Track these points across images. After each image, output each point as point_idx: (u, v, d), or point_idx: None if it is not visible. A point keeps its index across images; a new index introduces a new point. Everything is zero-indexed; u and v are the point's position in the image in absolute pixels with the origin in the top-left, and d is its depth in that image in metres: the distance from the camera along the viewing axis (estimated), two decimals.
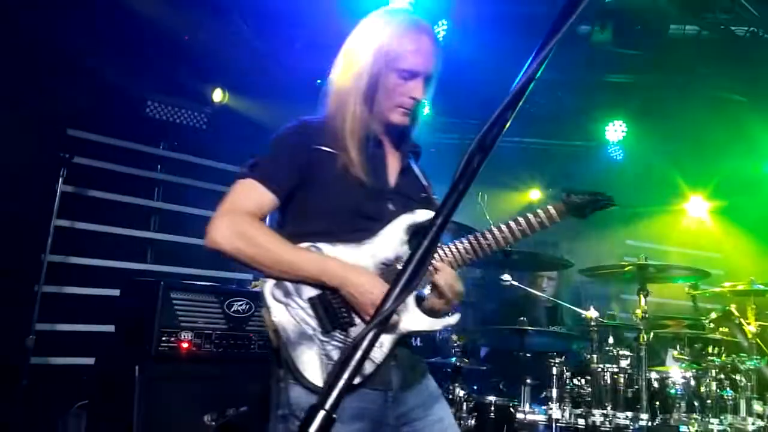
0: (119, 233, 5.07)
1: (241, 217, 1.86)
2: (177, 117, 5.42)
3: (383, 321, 0.96)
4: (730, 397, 3.95)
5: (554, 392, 3.86)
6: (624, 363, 3.93)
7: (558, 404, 3.82)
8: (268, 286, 1.84)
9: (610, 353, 4.06)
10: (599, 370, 3.90)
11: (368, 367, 1.82)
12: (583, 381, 3.95)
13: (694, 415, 3.78)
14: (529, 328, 4.11)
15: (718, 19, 5.19)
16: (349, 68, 2.01)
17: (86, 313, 4.60)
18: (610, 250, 6.72)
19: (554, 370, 3.91)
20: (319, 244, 1.88)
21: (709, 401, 3.87)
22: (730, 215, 7.13)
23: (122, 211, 5.13)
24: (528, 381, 3.95)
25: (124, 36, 4.82)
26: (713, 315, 4.55)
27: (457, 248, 1.97)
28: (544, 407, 3.87)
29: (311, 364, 1.78)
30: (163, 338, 3.34)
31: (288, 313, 1.81)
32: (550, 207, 2.00)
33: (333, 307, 1.84)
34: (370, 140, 1.99)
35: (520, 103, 1.06)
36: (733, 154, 6.37)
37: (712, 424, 3.76)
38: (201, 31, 5.27)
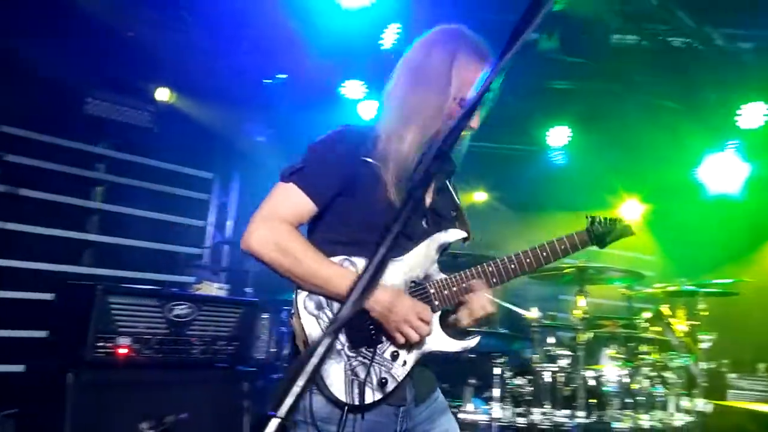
0: (54, 234, 4.86)
1: (281, 226, 1.87)
2: (119, 115, 5.24)
3: (338, 329, 0.97)
4: (660, 394, 4.12)
5: (496, 392, 3.94)
6: (563, 362, 4.05)
7: (499, 403, 3.90)
8: (301, 297, 1.86)
9: (550, 353, 4.17)
10: (539, 369, 4.00)
11: (390, 385, 1.85)
12: (523, 380, 4.04)
13: (627, 412, 3.93)
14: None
15: (657, 30, 5.39)
16: (413, 83, 1.98)
17: (17, 318, 4.39)
18: None
19: (496, 370, 3.98)
20: (354, 258, 1.89)
21: (640, 398, 4.03)
22: (663, 219, 7.41)
23: (58, 211, 4.91)
24: (470, 381, 4.02)
25: (61, 28, 4.63)
26: (646, 315, 4.73)
27: (484, 270, 1.98)
28: (486, 407, 3.94)
29: (337, 378, 1.79)
30: (99, 344, 3.23)
31: (319, 326, 1.83)
32: (574, 235, 2.07)
33: (362, 324, 1.85)
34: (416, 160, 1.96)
35: (474, 115, 1.08)
36: (667, 160, 6.63)
37: (643, 420, 3.92)
38: (147, 28, 5.12)
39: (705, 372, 4.44)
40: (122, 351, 3.32)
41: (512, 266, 2.00)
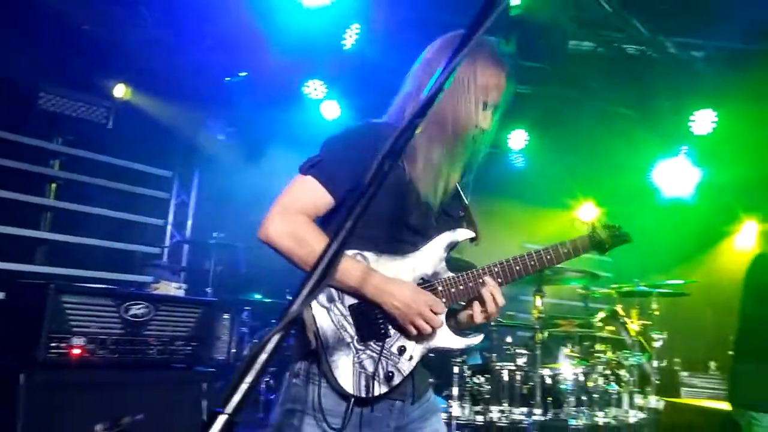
0: (6, 232, 4.72)
1: (298, 217, 1.89)
2: (74, 111, 5.12)
3: (289, 324, 0.97)
4: (614, 391, 4.23)
5: (455, 390, 3.97)
6: (521, 361, 4.11)
7: (458, 401, 3.94)
8: None
9: (508, 352, 4.24)
10: (498, 368, 4.06)
11: (397, 379, 1.87)
12: (482, 379, 4.09)
13: (583, 409, 4.02)
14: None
15: (612, 38, 5.53)
16: (447, 93, 1.96)
17: None
18: (509, 254, 6.99)
19: (455, 369, 4.02)
20: (366, 253, 1.92)
21: (596, 396, 4.12)
22: (618, 222, 7.58)
23: (10, 208, 4.78)
24: (430, 380, 4.04)
25: (12, 22, 4.51)
26: (601, 314, 4.84)
27: (491, 270, 2.02)
28: (444, 405, 3.97)
29: (345, 370, 1.82)
30: (52, 344, 3.14)
31: (329, 317, 1.85)
32: (576, 240, 2.14)
33: (371, 317, 1.88)
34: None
35: (427, 113, 1.10)
36: (622, 165, 6.81)
37: (598, 417, 4.01)
38: (103, 23, 5.02)
39: (658, 370, 4.55)
40: (76, 351, 3.23)
41: (517, 268, 2.04)
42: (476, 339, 2.04)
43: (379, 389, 1.85)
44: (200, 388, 3.75)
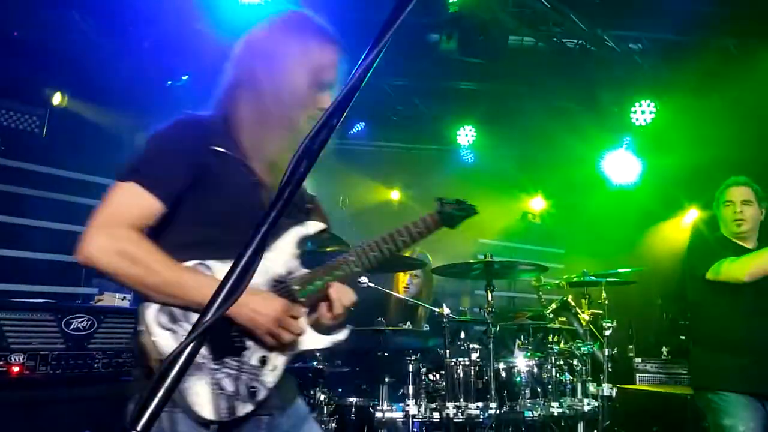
0: None
1: (122, 231, 1.65)
2: (6, 120, 4.93)
3: (202, 334, 0.94)
4: (568, 381, 4.29)
5: (410, 389, 3.97)
6: (474, 356, 4.12)
7: (414, 400, 3.94)
8: (152, 312, 1.66)
9: (462, 347, 4.25)
10: (452, 364, 4.06)
11: (261, 393, 1.73)
12: (437, 376, 4.09)
13: (538, 400, 4.06)
14: (387, 328, 4.21)
15: (552, 32, 5.63)
16: (270, 69, 1.86)
17: None
18: (464, 250, 7.05)
19: (410, 367, 4.01)
20: (208, 262, 1.72)
21: (550, 386, 4.17)
22: (569, 212, 7.74)
23: None
24: (386, 380, 4.03)
25: None
26: (553, 306, 4.91)
27: (346, 260, 1.93)
28: (401, 404, 3.97)
29: (201, 396, 1.63)
30: None
31: (175, 340, 1.65)
32: (426, 217, 2.08)
33: (225, 332, 1.71)
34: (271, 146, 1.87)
35: (346, 111, 1.07)
36: (570, 156, 6.94)
37: (553, 407, 4.06)
38: (34, 28, 4.85)
39: (610, 358, 4.63)
40: (15, 369, 3.13)
41: (373, 254, 1.95)
42: (342, 335, 1.95)
43: (243, 408, 1.69)
44: (127, 395, 3.66)
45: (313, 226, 1.94)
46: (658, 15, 5.43)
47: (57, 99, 5.28)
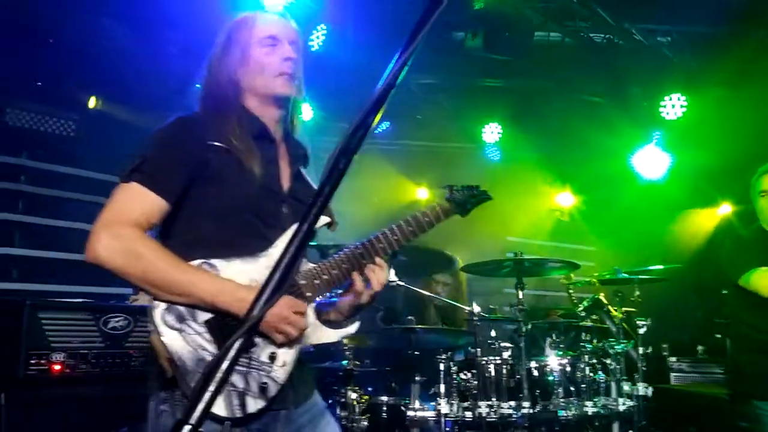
0: None
1: (128, 230, 1.69)
2: (41, 125, 5.06)
3: (249, 330, 0.96)
4: (602, 380, 4.23)
5: (442, 387, 3.96)
6: (506, 354, 4.10)
7: (446, 399, 3.93)
8: (159, 312, 1.70)
9: (493, 346, 4.23)
10: (483, 362, 4.04)
11: (272, 389, 1.74)
12: (469, 374, 4.07)
13: (572, 400, 4.02)
14: (417, 326, 4.21)
15: (578, 27, 5.57)
16: (217, 63, 1.98)
17: None
18: (492, 248, 7.02)
19: (441, 366, 4.01)
20: (213, 261, 1.75)
21: (583, 385, 4.11)
22: (599, 209, 7.65)
23: None
24: (417, 378, 4.04)
25: None
26: (585, 304, 4.85)
27: (354, 254, 1.92)
28: (433, 403, 3.96)
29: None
30: (32, 361, 3.11)
31: (183, 339, 1.68)
32: (436, 205, 2.06)
33: (232, 329, 1.73)
34: (259, 131, 1.93)
35: (383, 108, 1.09)
36: (599, 152, 6.86)
37: (587, 406, 4.01)
38: (68, 34, 4.96)
39: (644, 357, 4.57)
40: (57, 367, 3.21)
41: (381, 245, 1.94)
42: (352, 328, 1.96)
43: (255, 404, 1.71)
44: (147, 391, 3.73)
45: (319, 221, 1.95)
46: (687, 7, 5.35)
47: (92, 102, 5.39)
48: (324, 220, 1.95)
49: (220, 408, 1.66)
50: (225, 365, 0.93)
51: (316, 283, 1.86)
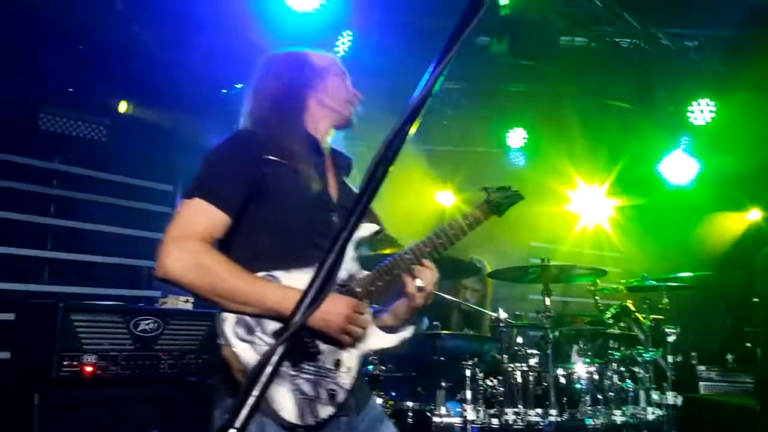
0: (12, 253, 4.76)
1: (196, 244, 1.74)
2: (73, 130, 5.15)
3: (291, 335, 0.97)
4: (630, 389, 4.18)
5: (468, 393, 3.94)
6: (533, 361, 4.07)
7: (472, 405, 3.91)
8: (229, 324, 1.74)
9: (520, 352, 4.20)
10: (510, 369, 4.01)
11: (340, 395, 1.80)
12: (495, 381, 4.05)
13: (599, 408, 3.97)
14: (442, 332, 4.20)
15: (605, 32, 5.53)
16: (283, 83, 2.06)
17: None
18: (516, 253, 6.98)
19: (467, 372, 3.99)
20: (275, 273, 1.81)
21: (611, 394, 4.06)
22: (626, 215, 7.57)
23: (15, 230, 4.81)
24: (442, 384, 4.02)
25: (11, 44, 4.54)
26: (612, 311, 4.80)
27: (402, 259, 1.99)
28: (459, 409, 3.94)
29: (286, 402, 1.71)
30: (65, 362, 3.18)
31: (254, 351, 1.72)
32: (476, 208, 2.12)
33: (299, 338, 1.77)
34: (312, 145, 2.01)
35: (419, 117, 1.10)
36: (626, 157, 6.79)
37: (615, 415, 3.96)
38: (98, 40, 5.05)
39: (673, 365, 4.50)
40: (88, 369, 3.26)
41: (427, 250, 2.00)
42: (408, 332, 2.02)
43: (325, 411, 1.76)
44: (212, 401, 3.76)
45: (367, 228, 2.00)
46: (714, 11, 5.28)
47: (122, 107, 5.48)
48: (372, 228, 2.01)
49: (291, 415, 1.71)
50: (268, 370, 0.94)
51: (371, 290, 1.92)
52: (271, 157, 1.88)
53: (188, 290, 1.76)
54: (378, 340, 1.94)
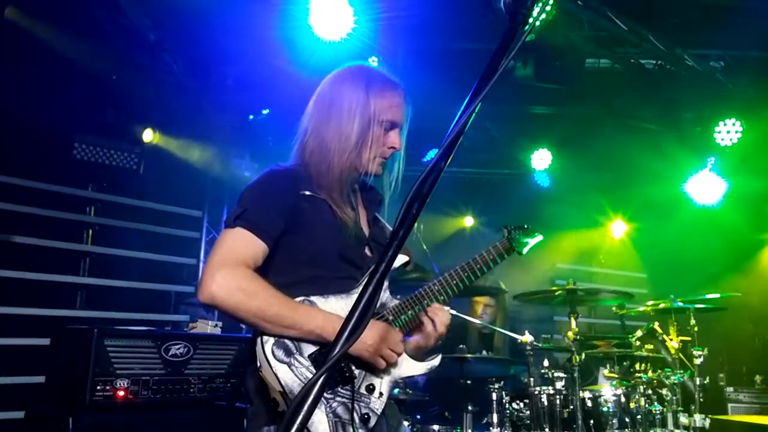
0: (48, 279, 4.88)
1: (240, 270, 1.81)
2: (106, 158, 5.30)
3: (332, 366, 1.01)
4: (658, 411, 4.12)
5: (495, 417, 3.93)
6: (559, 384, 4.04)
7: (498, 429, 3.90)
8: (269, 346, 1.81)
9: (546, 375, 4.18)
10: (536, 392, 3.99)
11: (373, 419, 1.86)
12: (521, 404, 4.03)
13: (627, 431, 3.93)
14: (469, 355, 4.20)
15: (629, 54, 5.55)
16: (333, 117, 2.04)
17: (14, 364, 4.38)
18: (542, 274, 6.95)
19: (494, 396, 3.98)
20: (313, 298, 1.89)
21: (639, 416, 4.02)
22: (651, 235, 7.50)
23: (50, 256, 4.94)
24: (469, 408, 4.02)
25: (47, 78, 4.70)
26: (639, 333, 4.75)
27: (431, 289, 2.06)
28: None
29: (321, 424, 1.77)
30: (98, 387, 3.23)
31: (292, 372, 1.79)
32: (498, 245, 2.17)
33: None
34: (350, 185, 2.06)
35: (452, 155, 1.14)
36: (650, 178, 6.75)
37: None
38: (128, 71, 5.20)
39: (701, 387, 4.44)
40: (121, 393, 3.32)
41: (454, 282, 2.07)
42: (436, 360, 2.07)
43: None
44: (241, 425, 3.80)
45: (398, 260, 2.04)
46: (740, 31, 5.26)
47: (148, 136, 5.61)
48: (402, 259, 2.07)
49: None
50: (310, 400, 0.97)
51: (402, 319, 2.01)
52: (307, 192, 1.97)
53: (231, 314, 1.82)
54: (409, 367, 2.00)
